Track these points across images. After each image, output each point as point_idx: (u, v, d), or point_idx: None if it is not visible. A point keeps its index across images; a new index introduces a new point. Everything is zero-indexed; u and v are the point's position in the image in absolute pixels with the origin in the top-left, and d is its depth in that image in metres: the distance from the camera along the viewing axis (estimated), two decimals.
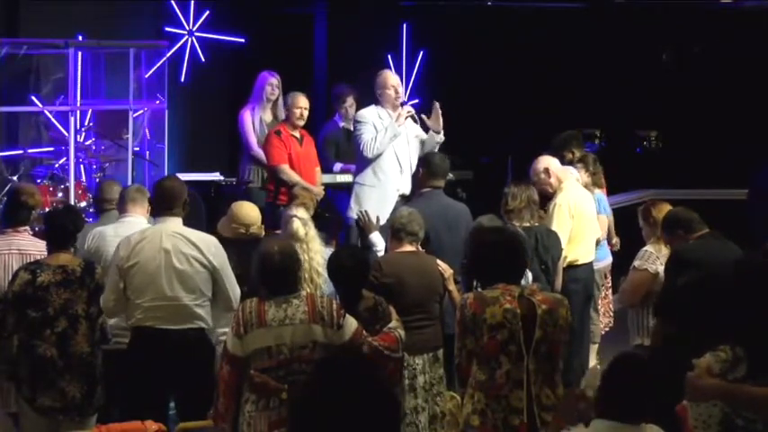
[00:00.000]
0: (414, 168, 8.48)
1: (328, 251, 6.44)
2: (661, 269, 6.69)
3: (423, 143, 8.63)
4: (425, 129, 8.65)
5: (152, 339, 5.96)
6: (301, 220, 6.50)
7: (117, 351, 6.26)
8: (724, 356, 4.13)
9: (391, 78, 8.70)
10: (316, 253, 6.39)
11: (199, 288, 6.00)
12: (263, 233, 6.91)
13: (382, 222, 7.61)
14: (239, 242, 6.39)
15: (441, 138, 8.56)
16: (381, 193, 8.45)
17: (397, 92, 8.60)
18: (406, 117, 8.50)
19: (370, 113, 8.58)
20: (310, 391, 2.91)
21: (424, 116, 8.68)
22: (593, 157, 8.78)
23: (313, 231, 6.53)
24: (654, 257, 6.79)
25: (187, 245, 6.01)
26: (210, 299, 6.07)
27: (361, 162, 8.64)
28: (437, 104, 8.53)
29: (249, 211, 6.90)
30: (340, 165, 9.64)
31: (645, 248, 6.91)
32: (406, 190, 8.50)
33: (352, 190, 8.67)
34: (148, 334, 5.96)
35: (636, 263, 6.86)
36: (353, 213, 8.36)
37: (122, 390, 6.12)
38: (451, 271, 6.57)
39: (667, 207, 6.98)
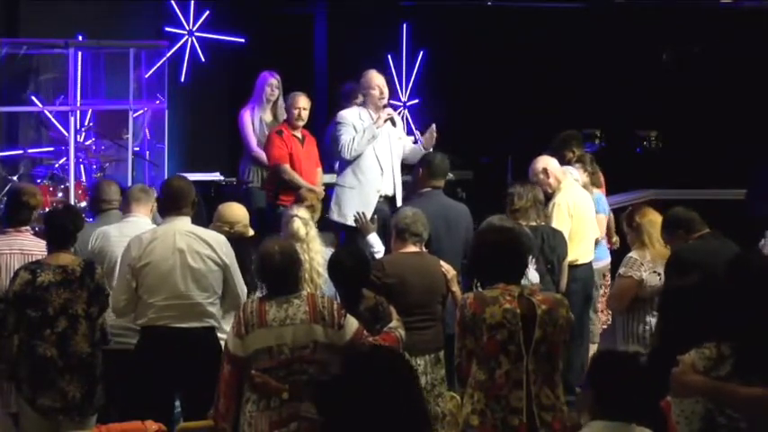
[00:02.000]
0: (395, 170, 8.49)
1: (329, 251, 6.43)
2: (645, 275, 6.72)
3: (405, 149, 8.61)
4: (393, 123, 8.61)
5: (164, 339, 5.98)
6: (302, 220, 6.50)
7: (118, 351, 6.27)
8: (708, 353, 4.16)
9: (376, 78, 8.62)
10: (316, 253, 6.39)
11: (212, 286, 6.04)
12: (250, 232, 6.91)
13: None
14: None
15: (424, 151, 8.53)
16: (362, 194, 8.40)
17: (381, 92, 8.52)
18: (386, 120, 8.47)
19: (350, 114, 8.55)
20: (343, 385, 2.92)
21: (418, 133, 8.65)
22: (590, 157, 8.79)
23: (314, 231, 6.53)
24: (638, 264, 6.79)
25: (201, 244, 6.04)
26: (220, 297, 6.10)
27: (341, 163, 8.61)
28: (434, 127, 8.51)
29: (234, 211, 6.93)
30: None
31: (629, 255, 6.91)
32: (388, 191, 8.47)
33: (333, 191, 8.64)
34: (161, 333, 5.98)
35: (621, 270, 6.88)
36: (334, 215, 8.38)
37: (129, 389, 6.11)
38: (454, 272, 6.57)
39: (651, 212, 6.98)
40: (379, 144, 8.46)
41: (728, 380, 4.09)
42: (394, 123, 8.57)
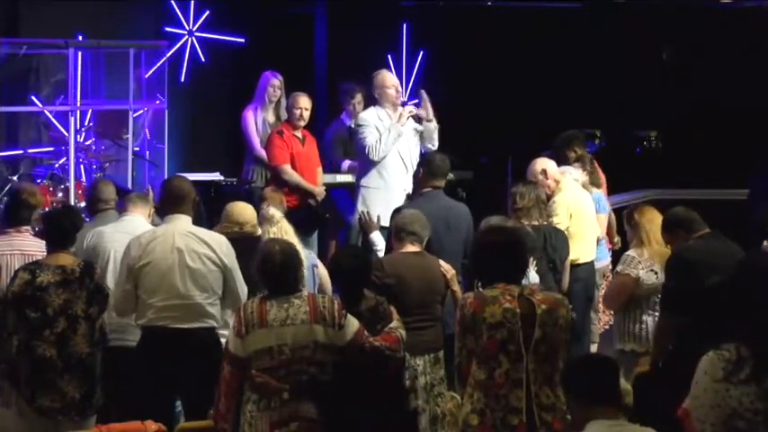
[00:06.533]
0: (415, 167, 8.49)
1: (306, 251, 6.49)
2: (642, 273, 6.74)
3: (421, 135, 8.60)
4: (418, 120, 8.63)
5: (164, 339, 5.98)
6: (276, 210, 6.61)
7: (116, 349, 6.28)
8: (728, 355, 4.10)
9: (389, 77, 8.68)
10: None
11: (211, 287, 6.03)
12: (258, 232, 6.92)
13: (384, 223, 7.61)
14: (234, 241, 6.40)
15: (435, 125, 8.54)
16: (388, 193, 8.42)
17: (397, 90, 8.58)
18: (408, 117, 8.48)
19: (370, 116, 8.54)
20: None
21: (428, 115, 8.65)
22: (589, 157, 8.80)
23: (287, 225, 6.58)
24: (636, 262, 6.81)
25: (200, 244, 6.04)
26: (220, 297, 6.09)
27: (364, 165, 8.58)
28: (423, 92, 8.53)
29: (242, 210, 6.93)
30: (348, 162, 9.60)
31: (627, 253, 6.95)
32: (411, 189, 8.48)
33: (358, 193, 8.61)
34: (160, 334, 5.98)
35: (618, 267, 6.92)
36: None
37: (129, 389, 6.12)
38: (454, 272, 6.57)
39: (651, 210, 7.00)
40: (402, 142, 8.48)
41: (748, 383, 4.03)
42: (418, 120, 8.57)
